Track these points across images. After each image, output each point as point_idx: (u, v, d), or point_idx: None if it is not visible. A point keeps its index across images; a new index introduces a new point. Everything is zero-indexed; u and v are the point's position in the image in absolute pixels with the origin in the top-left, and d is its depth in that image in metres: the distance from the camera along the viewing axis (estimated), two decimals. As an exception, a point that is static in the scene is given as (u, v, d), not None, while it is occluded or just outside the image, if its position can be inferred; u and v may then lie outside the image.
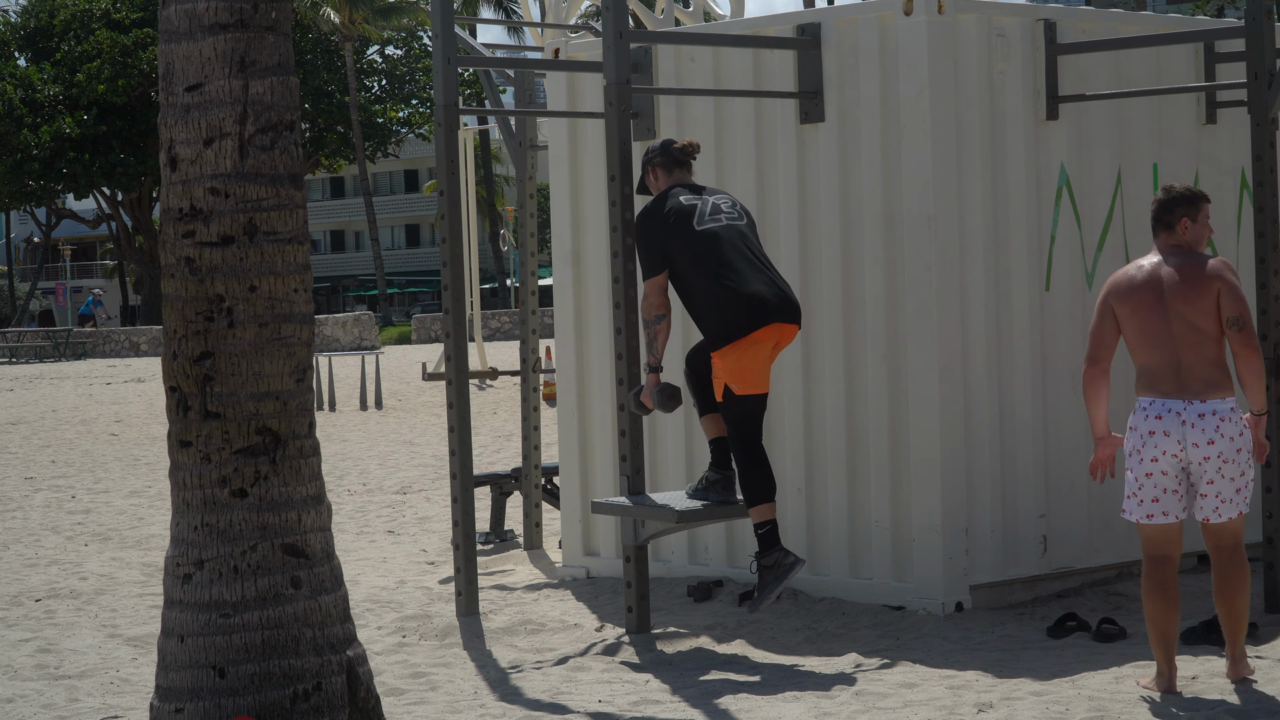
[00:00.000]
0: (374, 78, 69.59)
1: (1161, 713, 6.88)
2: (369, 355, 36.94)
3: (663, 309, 8.23)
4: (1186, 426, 7.06)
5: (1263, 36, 8.83)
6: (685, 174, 8.47)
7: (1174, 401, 7.09)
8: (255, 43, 6.11)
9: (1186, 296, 7.10)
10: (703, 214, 8.22)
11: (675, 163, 8.47)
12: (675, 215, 8.21)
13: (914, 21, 9.04)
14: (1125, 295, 7.21)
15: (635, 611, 8.76)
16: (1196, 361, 7.09)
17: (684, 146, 8.49)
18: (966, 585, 9.08)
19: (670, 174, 8.47)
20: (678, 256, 8.18)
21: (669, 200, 8.28)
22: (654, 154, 8.52)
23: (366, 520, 14.02)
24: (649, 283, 8.26)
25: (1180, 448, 7.08)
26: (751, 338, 8.09)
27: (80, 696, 8.01)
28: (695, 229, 8.17)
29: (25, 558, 12.50)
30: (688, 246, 8.15)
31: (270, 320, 6.14)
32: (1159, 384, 7.14)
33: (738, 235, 8.22)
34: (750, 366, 8.12)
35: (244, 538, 6.11)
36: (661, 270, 8.21)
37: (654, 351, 8.26)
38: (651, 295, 8.24)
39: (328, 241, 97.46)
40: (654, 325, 8.23)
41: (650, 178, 8.52)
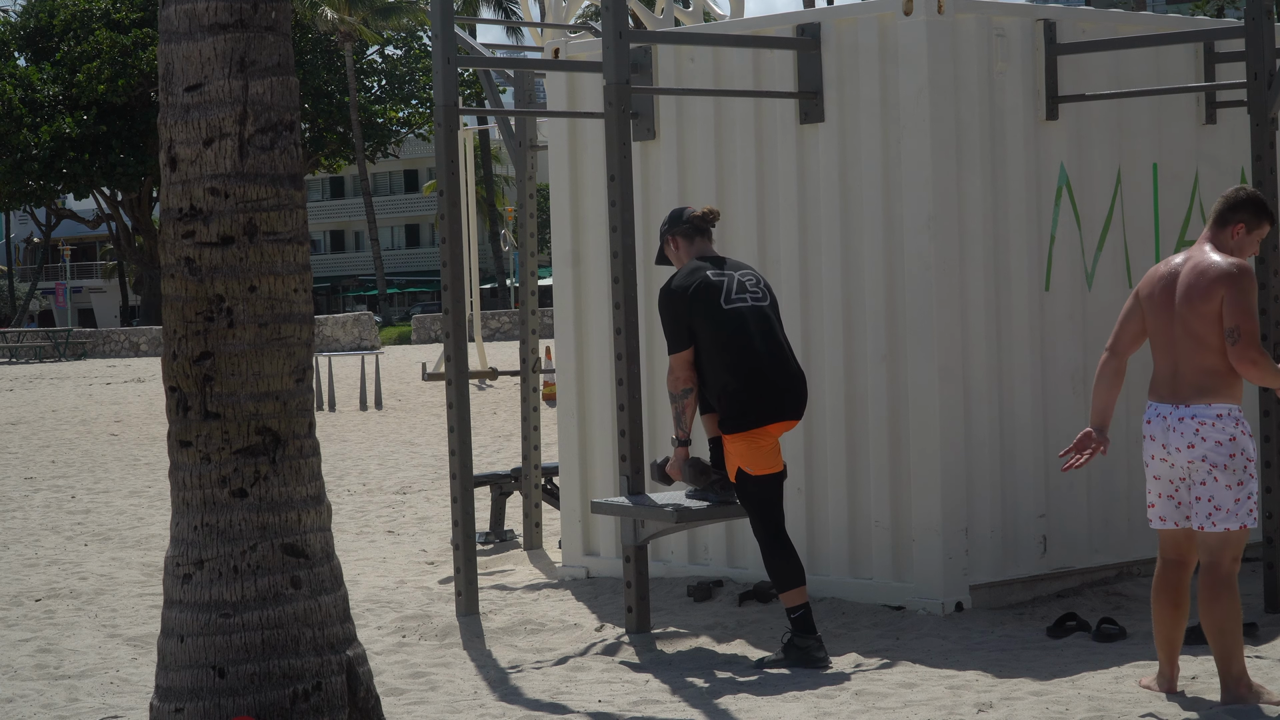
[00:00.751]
0: (374, 78, 69.62)
1: (1161, 712, 6.88)
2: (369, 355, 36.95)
3: (689, 383, 8.20)
4: (1169, 430, 6.95)
5: (1263, 36, 8.83)
6: (706, 242, 8.42)
7: (1164, 406, 7.00)
8: (255, 43, 6.11)
9: (1190, 301, 6.96)
10: (729, 292, 8.18)
11: (697, 231, 8.41)
12: (703, 291, 8.16)
13: (914, 21, 9.04)
14: (1150, 292, 7.09)
15: (635, 611, 8.76)
16: (1191, 368, 6.94)
17: (704, 215, 8.42)
18: (966, 585, 9.08)
19: (692, 243, 8.41)
20: (701, 332, 8.17)
21: (695, 275, 8.22)
22: (673, 225, 8.43)
23: (366, 520, 14.02)
24: (675, 358, 8.23)
25: (1165, 452, 6.97)
26: (763, 430, 8.13)
27: (80, 696, 8.01)
28: (722, 307, 8.15)
29: (25, 558, 12.50)
30: (712, 325, 8.14)
31: (270, 320, 6.14)
32: (1158, 388, 7.06)
33: (762, 319, 8.19)
34: (761, 454, 8.16)
35: (244, 538, 6.10)
36: (688, 346, 8.18)
37: (682, 425, 8.26)
38: (678, 370, 8.22)
39: (328, 241, 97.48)
40: (681, 400, 8.22)
41: (670, 248, 8.45)
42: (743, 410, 8.10)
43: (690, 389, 8.21)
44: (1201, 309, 6.91)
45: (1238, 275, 6.91)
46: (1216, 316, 6.89)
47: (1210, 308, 6.90)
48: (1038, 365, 9.47)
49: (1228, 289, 6.88)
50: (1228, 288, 6.89)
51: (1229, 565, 6.91)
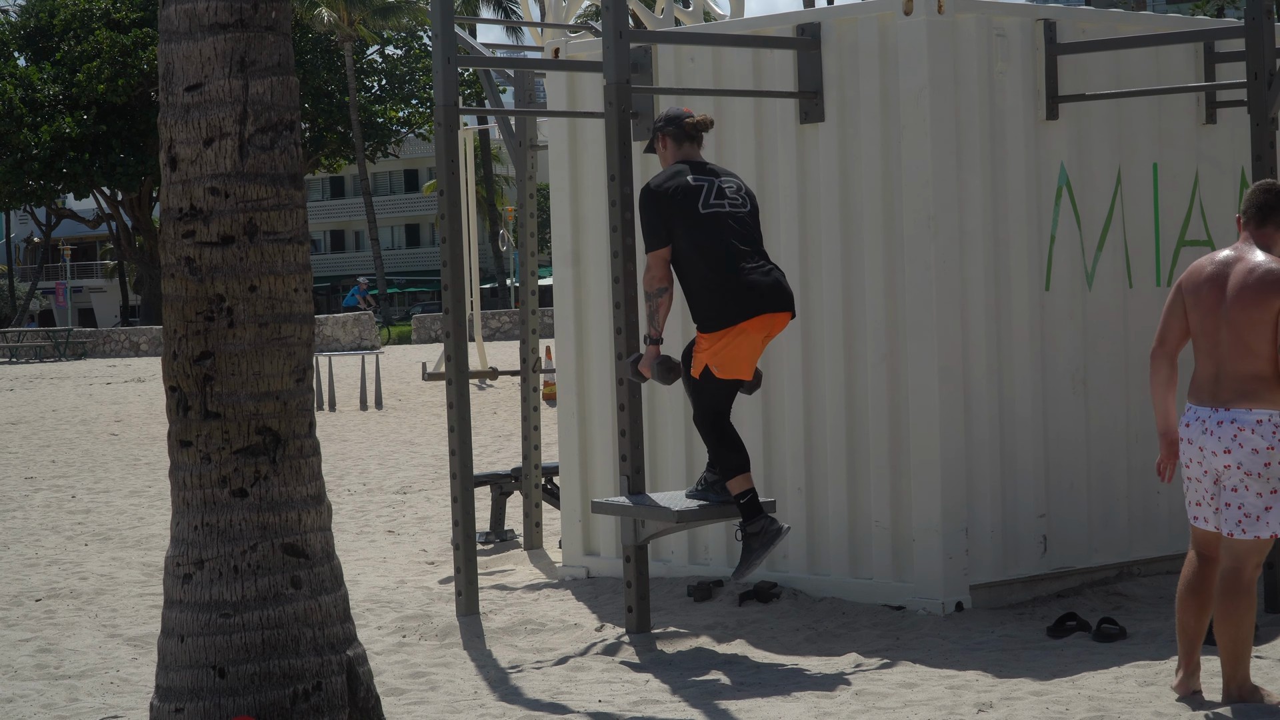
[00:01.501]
0: (374, 78, 69.62)
1: (1162, 712, 6.88)
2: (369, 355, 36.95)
3: (664, 282, 8.24)
4: (1207, 434, 6.87)
5: (1263, 36, 8.83)
6: (694, 149, 8.46)
7: (1203, 409, 6.90)
8: (255, 42, 6.11)
9: (1243, 306, 6.78)
10: (708, 197, 8.23)
11: (686, 137, 8.45)
12: (681, 193, 8.21)
13: (914, 21, 9.04)
14: (1195, 288, 6.94)
15: (635, 611, 8.76)
16: (1235, 373, 6.82)
17: (697, 123, 8.45)
18: (966, 585, 9.08)
19: (680, 147, 8.45)
20: (679, 235, 8.19)
21: (676, 178, 8.27)
22: (667, 124, 8.48)
23: (366, 520, 14.02)
24: (652, 255, 8.26)
25: (1202, 454, 6.89)
26: (741, 327, 8.13)
27: (80, 696, 8.01)
28: (699, 211, 8.19)
29: (25, 558, 12.50)
30: (690, 227, 8.17)
31: (270, 320, 6.14)
32: (1198, 391, 6.94)
33: (739, 223, 8.23)
34: (735, 354, 8.17)
35: (244, 537, 6.10)
36: (665, 244, 8.21)
37: (655, 324, 8.28)
38: (654, 268, 8.25)
39: (328, 241, 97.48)
40: (656, 298, 8.24)
41: (660, 145, 8.51)
42: (718, 306, 8.11)
43: (665, 288, 8.22)
44: (1254, 315, 6.76)
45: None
46: (1270, 323, 6.73)
47: (1264, 315, 6.74)
48: (1038, 365, 9.47)
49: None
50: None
51: (1251, 571, 6.85)
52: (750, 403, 9.39)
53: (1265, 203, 6.96)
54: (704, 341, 8.19)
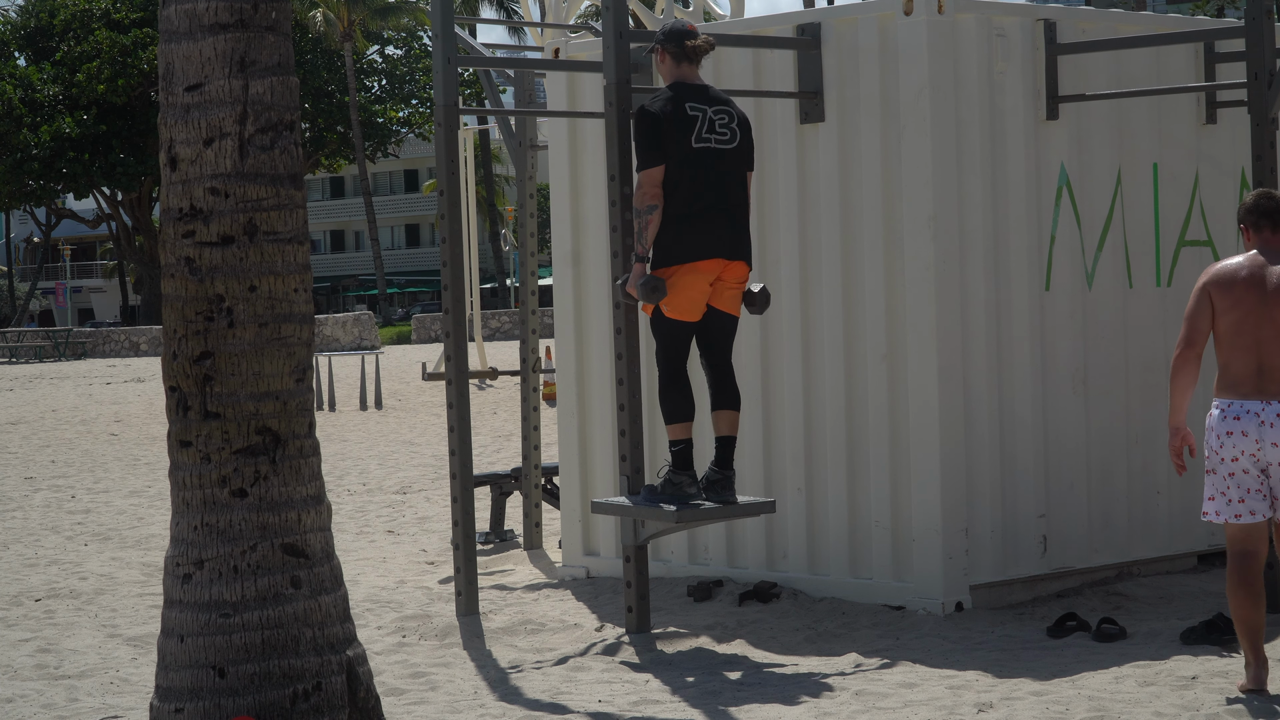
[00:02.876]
0: (374, 78, 69.62)
1: (1162, 713, 6.88)
2: (369, 355, 36.95)
3: (655, 199, 8.25)
4: (1265, 427, 6.98)
5: (1263, 36, 8.83)
6: (692, 70, 8.46)
7: (1252, 403, 7.02)
8: (255, 43, 6.11)
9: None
10: (700, 130, 8.26)
11: (685, 56, 8.45)
12: (678, 121, 8.23)
13: (914, 21, 9.04)
14: (1228, 288, 7.10)
15: (635, 611, 8.76)
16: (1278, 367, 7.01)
17: (698, 45, 8.45)
18: (966, 585, 9.08)
19: (679, 65, 8.45)
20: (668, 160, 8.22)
21: (675, 103, 8.28)
22: (668, 39, 8.46)
23: (366, 520, 14.02)
24: (644, 173, 8.27)
25: (1258, 447, 6.99)
26: (693, 265, 8.21)
27: (80, 696, 8.01)
28: (691, 144, 8.23)
29: (25, 558, 12.50)
30: (678, 157, 8.21)
31: (270, 320, 6.14)
32: (1239, 385, 7.06)
33: (722, 160, 8.27)
34: (685, 293, 8.24)
35: (244, 538, 6.10)
36: (660, 164, 8.24)
37: (643, 241, 8.29)
38: (646, 185, 8.26)
39: (328, 241, 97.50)
40: (646, 215, 8.26)
41: (658, 59, 8.52)
42: (679, 240, 8.18)
43: (656, 205, 8.25)
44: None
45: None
46: None
47: None
48: (1038, 365, 9.46)
49: None
50: None
51: None
52: (750, 402, 9.38)
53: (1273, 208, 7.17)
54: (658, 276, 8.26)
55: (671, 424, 8.37)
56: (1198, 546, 10.15)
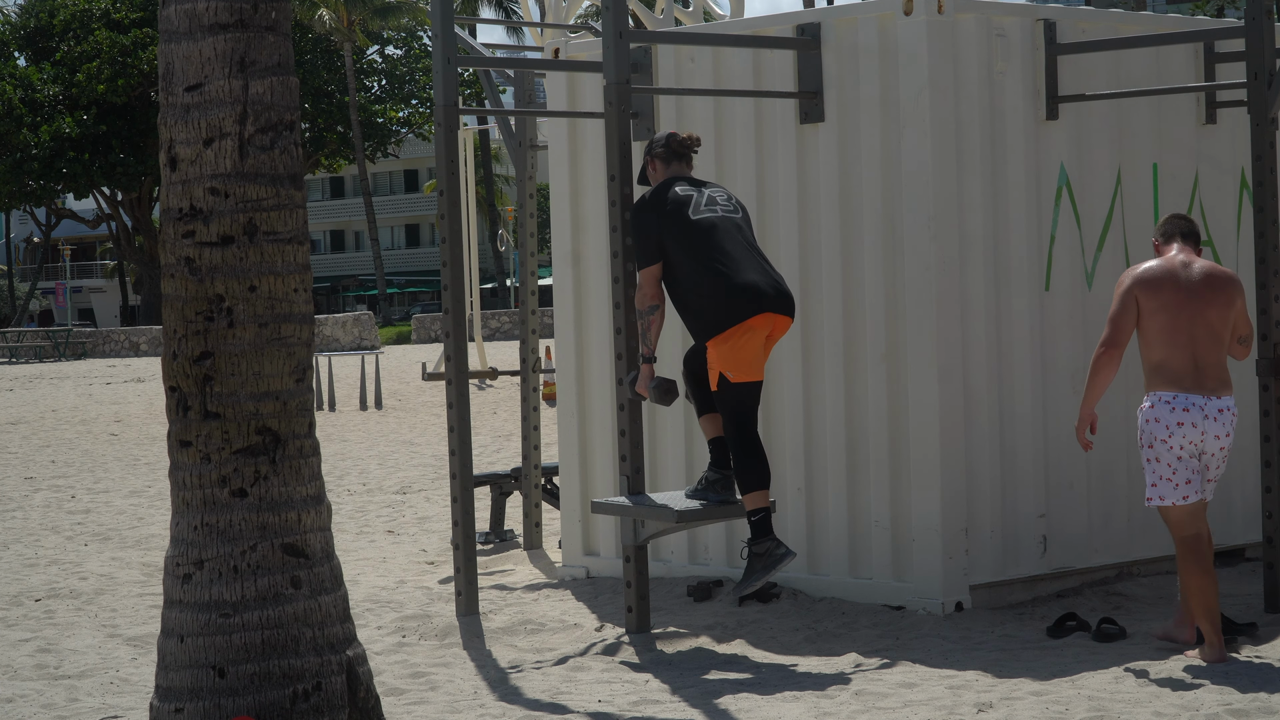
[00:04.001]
0: (374, 78, 69.62)
1: (1161, 713, 6.88)
2: (369, 355, 36.95)
3: (656, 300, 8.27)
4: (1208, 420, 7.72)
5: (1263, 36, 8.83)
6: (684, 167, 8.51)
7: (1195, 396, 7.74)
8: (255, 43, 6.11)
9: (1214, 303, 7.80)
10: (698, 205, 8.27)
11: (675, 155, 8.50)
12: (671, 205, 8.25)
13: (914, 21, 9.04)
14: (1155, 291, 7.79)
15: (635, 611, 8.76)
16: (1212, 362, 7.78)
17: (684, 140, 8.53)
18: (966, 585, 9.08)
19: (669, 166, 8.50)
20: (672, 247, 8.21)
21: (665, 191, 8.32)
22: (655, 145, 8.56)
23: (366, 520, 14.02)
24: (643, 273, 8.28)
25: (1201, 437, 7.72)
26: (746, 325, 8.14)
27: (80, 696, 8.01)
28: (690, 218, 8.22)
29: (25, 558, 12.50)
30: (683, 236, 8.20)
31: (270, 320, 6.14)
32: (1181, 380, 7.75)
33: (733, 226, 8.28)
34: (744, 354, 8.17)
35: (244, 537, 6.10)
36: (656, 261, 8.24)
37: (647, 342, 8.30)
38: (646, 286, 8.27)
39: (328, 241, 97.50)
40: (648, 316, 8.26)
41: (650, 169, 8.55)
42: (720, 308, 8.12)
43: (657, 305, 8.25)
44: (1224, 313, 7.79)
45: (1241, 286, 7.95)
46: (1229, 319, 7.82)
47: (1229, 312, 7.82)
48: (1038, 365, 9.47)
49: (1244, 300, 7.91)
50: (1243, 299, 7.91)
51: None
52: (750, 403, 9.38)
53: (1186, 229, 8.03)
54: (712, 350, 8.21)
55: (749, 493, 8.23)
56: (1198, 546, 10.15)
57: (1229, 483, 10.25)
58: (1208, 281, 7.83)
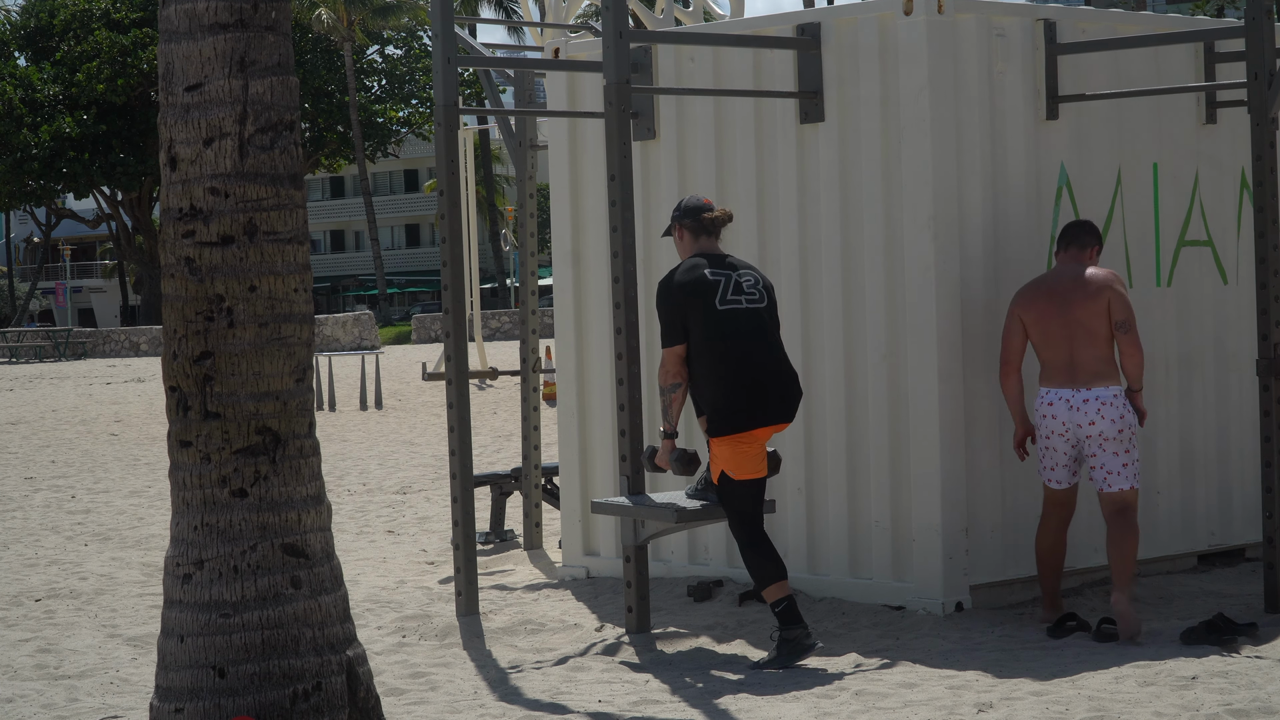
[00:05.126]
0: (374, 78, 69.62)
1: (1161, 713, 6.88)
2: (369, 355, 36.96)
3: (679, 378, 8.22)
4: (1073, 410, 8.53)
5: (1263, 36, 8.83)
6: (712, 242, 8.40)
7: (1064, 390, 8.57)
8: (255, 42, 6.11)
9: (1082, 303, 8.55)
10: (725, 293, 8.19)
11: (704, 230, 8.39)
12: (698, 288, 8.18)
13: (914, 21, 9.03)
14: (1030, 306, 8.68)
15: (635, 611, 8.76)
16: (1088, 357, 8.54)
17: (715, 218, 8.38)
18: (966, 585, 9.08)
19: (697, 239, 8.38)
20: (694, 331, 8.18)
21: (693, 273, 8.23)
22: (684, 215, 8.41)
23: (366, 520, 14.02)
24: (668, 351, 8.24)
25: (1065, 428, 8.56)
26: (750, 435, 8.16)
27: (80, 696, 8.01)
28: (716, 307, 8.16)
29: (25, 558, 12.50)
30: (705, 325, 8.15)
31: (270, 320, 6.14)
32: (1054, 376, 8.61)
33: (755, 321, 8.21)
34: (746, 459, 8.20)
35: (244, 538, 6.10)
36: (682, 341, 8.20)
37: (669, 419, 8.28)
38: (669, 364, 8.23)
39: (328, 241, 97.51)
40: (670, 394, 8.23)
41: (677, 237, 8.46)
42: (729, 414, 8.13)
43: (679, 384, 8.23)
44: (1093, 309, 8.53)
45: (1116, 280, 8.63)
46: (1105, 313, 8.53)
47: (1099, 307, 8.52)
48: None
49: (1113, 292, 8.55)
50: (1113, 291, 8.56)
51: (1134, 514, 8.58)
52: (750, 403, 9.38)
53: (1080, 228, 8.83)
54: (714, 446, 8.24)
55: (767, 587, 8.18)
56: (1198, 546, 10.16)
57: (1229, 483, 10.26)
58: (1075, 283, 8.59)
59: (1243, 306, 10.11)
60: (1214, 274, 10.28)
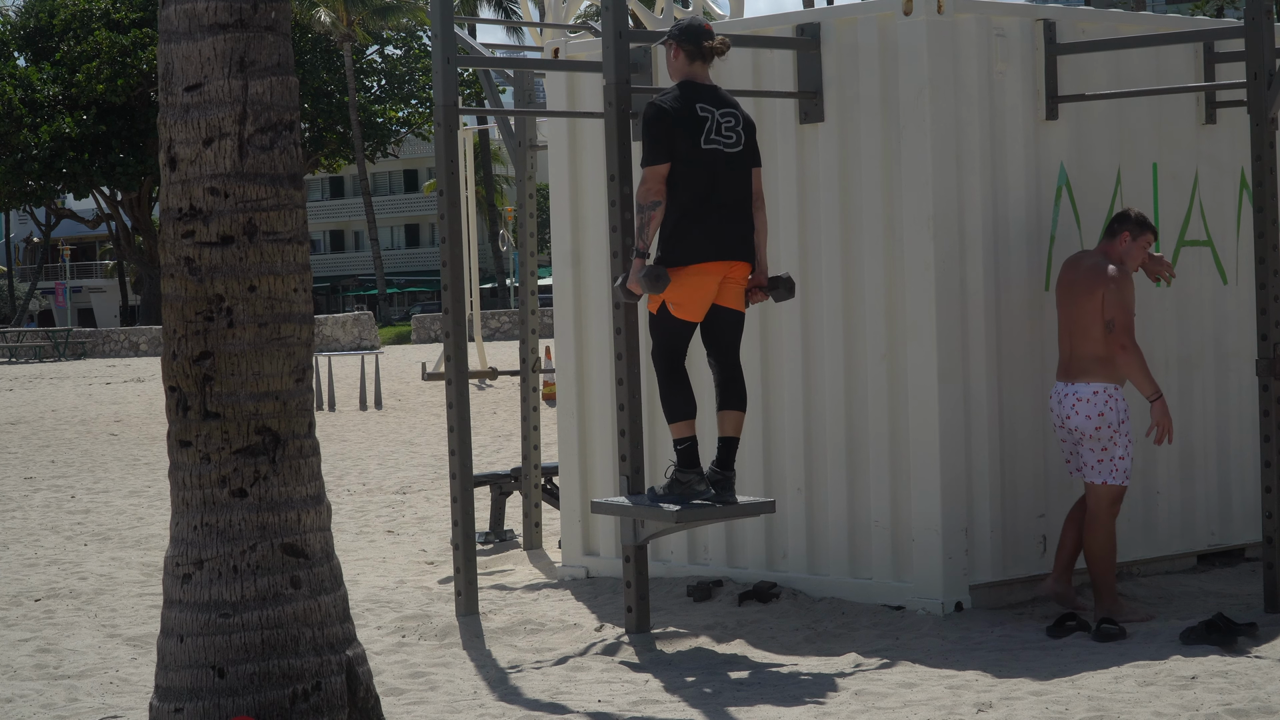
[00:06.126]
0: (373, 78, 69.64)
1: (1161, 713, 6.88)
2: (369, 355, 36.97)
3: (659, 195, 8.22)
4: (1061, 404, 8.77)
5: (1263, 36, 8.83)
6: (703, 69, 8.42)
7: (1059, 384, 8.82)
8: (255, 43, 6.11)
9: (1081, 295, 8.65)
10: (709, 132, 8.24)
11: (700, 54, 8.39)
12: (689, 121, 8.21)
13: (913, 21, 9.03)
14: (1056, 289, 8.93)
15: (635, 611, 8.76)
16: (1082, 353, 8.66)
17: (715, 46, 8.39)
18: (966, 585, 9.08)
19: (691, 64, 8.39)
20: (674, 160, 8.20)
21: (687, 103, 8.25)
22: (684, 36, 8.39)
23: (366, 520, 14.02)
24: (650, 169, 8.23)
25: (1058, 421, 8.83)
26: (703, 267, 8.18)
27: (80, 696, 8.01)
28: (700, 145, 8.21)
29: (25, 558, 12.50)
30: (685, 158, 8.20)
31: (270, 320, 6.14)
32: (1058, 369, 8.87)
33: (729, 163, 8.26)
34: (694, 294, 8.21)
35: (243, 537, 6.10)
36: (665, 161, 8.21)
37: (644, 236, 8.25)
38: (651, 180, 8.23)
39: (327, 241, 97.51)
40: (649, 210, 8.22)
41: (671, 56, 8.46)
42: (689, 240, 8.16)
43: (660, 201, 8.22)
44: (1089, 303, 8.59)
45: (1116, 276, 8.62)
46: (1097, 310, 8.56)
47: (1095, 302, 8.57)
48: (1038, 365, 9.46)
49: (1107, 288, 8.57)
50: (1108, 287, 8.57)
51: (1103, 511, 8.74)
52: (751, 402, 9.36)
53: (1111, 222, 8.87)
54: None
55: (675, 422, 8.32)
56: (1197, 546, 10.16)
57: (1229, 483, 10.26)
58: (1081, 276, 8.68)
59: (1242, 306, 10.11)
60: (1214, 274, 10.29)
